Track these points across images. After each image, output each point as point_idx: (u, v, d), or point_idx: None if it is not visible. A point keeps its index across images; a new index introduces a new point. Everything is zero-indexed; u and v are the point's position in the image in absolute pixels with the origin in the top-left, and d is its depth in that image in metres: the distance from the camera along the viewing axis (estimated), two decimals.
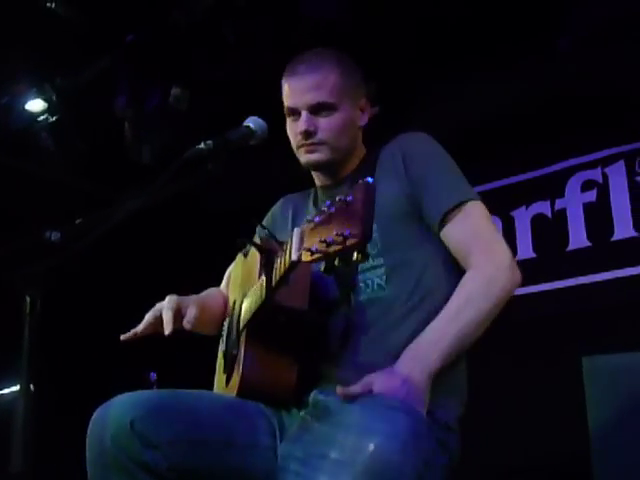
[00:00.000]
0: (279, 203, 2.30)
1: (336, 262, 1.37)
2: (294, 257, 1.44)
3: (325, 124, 2.00)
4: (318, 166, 2.07)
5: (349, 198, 1.34)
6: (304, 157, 2.05)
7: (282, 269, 1.57)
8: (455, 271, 1.92)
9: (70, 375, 4.91)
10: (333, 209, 1.36)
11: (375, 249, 1.89)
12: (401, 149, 2.01)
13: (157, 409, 1.73)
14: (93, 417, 1.74)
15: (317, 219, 1.39)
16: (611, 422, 3.32)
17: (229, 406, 1.84)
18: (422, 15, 3.61)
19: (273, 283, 1.64)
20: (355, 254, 1.33)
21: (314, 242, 1.37)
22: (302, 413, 1.80)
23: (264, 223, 2.25)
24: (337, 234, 1.32)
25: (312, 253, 1.37)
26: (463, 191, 1.94)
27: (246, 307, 1.88)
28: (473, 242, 1.89)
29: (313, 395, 1.80)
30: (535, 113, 3.96)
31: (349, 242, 1.31)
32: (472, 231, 1.91)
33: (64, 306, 4.08)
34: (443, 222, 1.91)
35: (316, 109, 2.00)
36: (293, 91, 2.03)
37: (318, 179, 2.16)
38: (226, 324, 2.17)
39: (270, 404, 1.86)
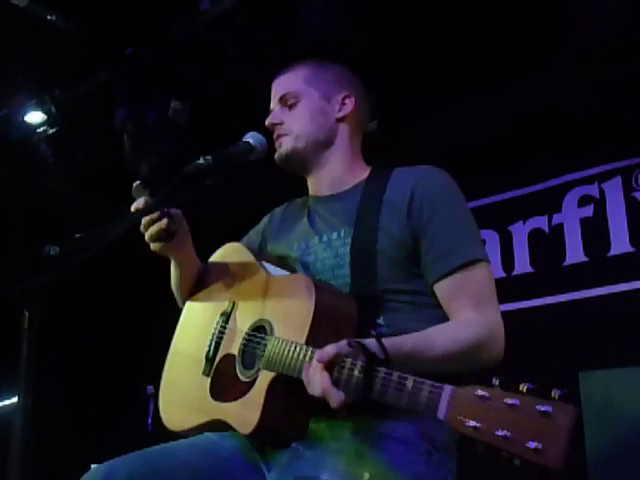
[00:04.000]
0: (282, 207, 2.25)
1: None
2: (442, 417, 1.32)
3: (291, 115, 2.03)
4: (287, 160, 2.04)
5: (548, 409, 1.20)
6: (275, 155, 2.05)
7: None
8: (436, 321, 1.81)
9: (67, 388, 4.90)
10: (517, 403, 1.23)
11: None
12: (412, 188, 1.87)
13: (126, 477, 1.71)
14: None
15: (481, 394, 1.26)
16: (607, 437, 3.32)
17: (202, 453, 1.80)
18: (418, 32, 3.63)
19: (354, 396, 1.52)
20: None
21: (476, 417, 1.25)
22: (293, 444, 1.75)
23: (265, 220, 2.23)
24: (522, 439, 1.19)
25: (474, 428, 1.25)
26: (466, 251, 1.80)
27: (280, 358, 1.70)
28: (468, 301, 1.77)
29: None
30: (532, 129, 3.97)
31: (538, 459, 1.19)
32: (469, 292, 1.78)
33: (62, 321, 4.07)
34: (439, 280, 1.80)
35: (283, 101, 2.04)
36: (272, 94, 2.09)
37: (310, 187, 2.11)
38: (215, 324, 2.00)
39: (275, 445, 1.79)
